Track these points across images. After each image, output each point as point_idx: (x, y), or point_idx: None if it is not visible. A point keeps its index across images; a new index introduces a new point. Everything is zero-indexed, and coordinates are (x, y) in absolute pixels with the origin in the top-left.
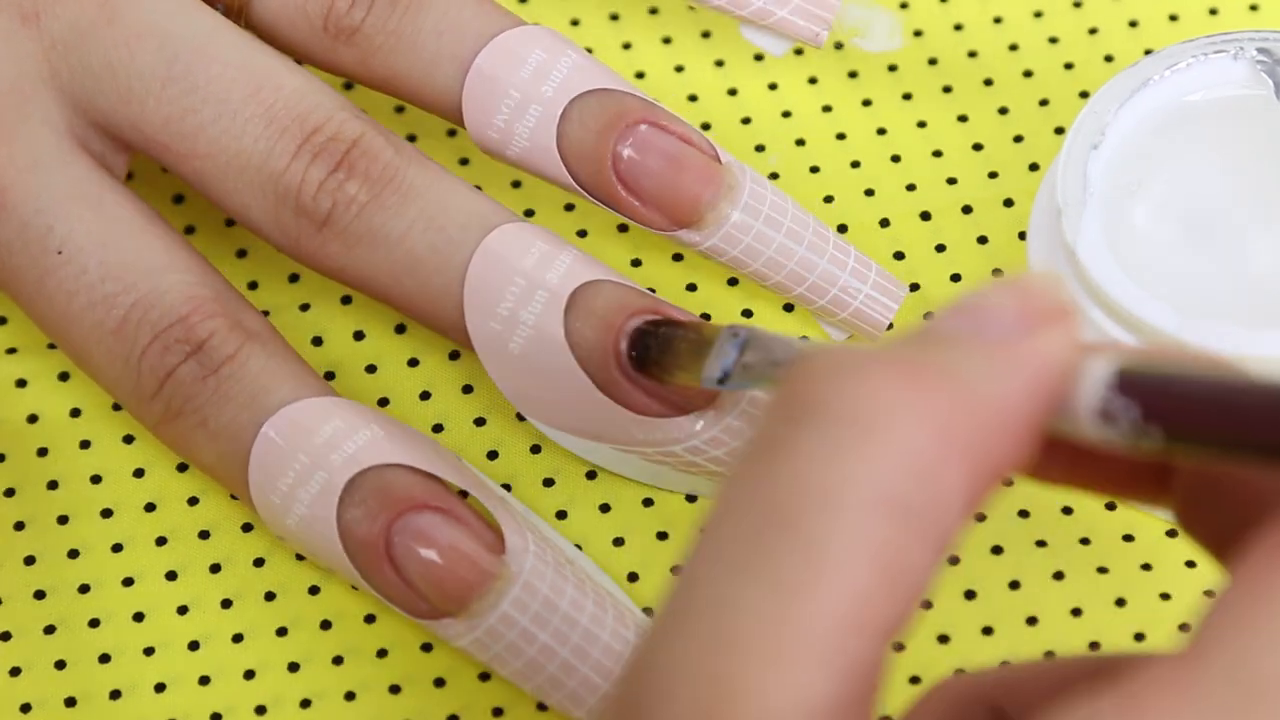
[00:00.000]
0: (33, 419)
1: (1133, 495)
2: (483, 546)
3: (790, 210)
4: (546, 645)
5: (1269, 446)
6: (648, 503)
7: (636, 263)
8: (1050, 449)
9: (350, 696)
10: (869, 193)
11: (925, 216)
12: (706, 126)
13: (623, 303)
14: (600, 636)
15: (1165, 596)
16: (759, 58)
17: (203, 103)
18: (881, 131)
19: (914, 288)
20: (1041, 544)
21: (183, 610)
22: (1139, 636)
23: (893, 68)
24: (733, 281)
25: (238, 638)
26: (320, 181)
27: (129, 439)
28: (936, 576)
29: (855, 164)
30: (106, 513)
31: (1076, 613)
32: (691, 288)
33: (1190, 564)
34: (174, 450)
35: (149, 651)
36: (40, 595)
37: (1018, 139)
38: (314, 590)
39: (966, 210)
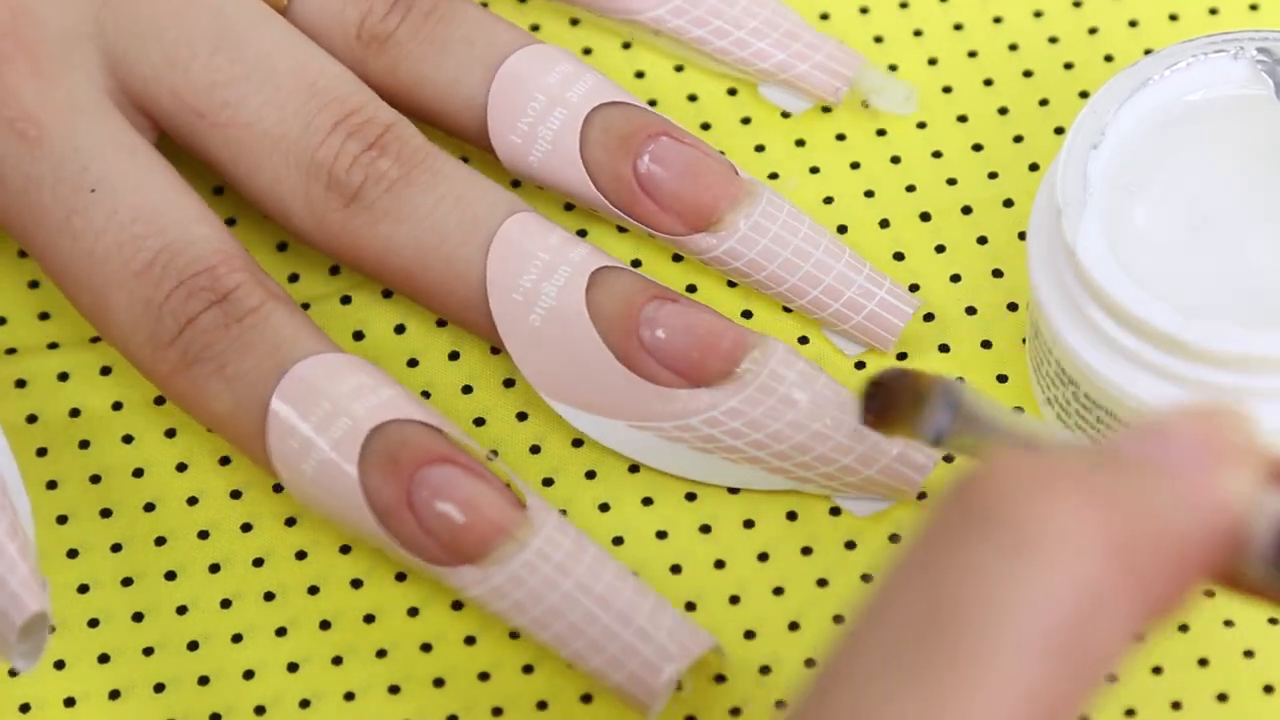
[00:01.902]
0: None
1: None
2: (504, 500)
3: (806, 221)
4: (569, 593)
5: None
6: (647, 501)
7: (636, 263)
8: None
9: (349, 697)
10: (869, 194)
11: (925, 217)
12: (706, 126)
13: (643, 285)
14: (624, 590)
15: None
16: None
17: (250, 72)
18: (881, 133)
19: (914, 288)
20: None
21: (182, 610)
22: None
23: (893, 67)
24: (732, 283)
25: (237, 638)
26: (355, 156)
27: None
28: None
29: (855, 165)
30: (106, 513)
31: None
32: (691, 288)
33: None
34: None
35: (148, 652)
36: None
37: (1018, 139)
38: (313, 590)
39: (966, 210)
